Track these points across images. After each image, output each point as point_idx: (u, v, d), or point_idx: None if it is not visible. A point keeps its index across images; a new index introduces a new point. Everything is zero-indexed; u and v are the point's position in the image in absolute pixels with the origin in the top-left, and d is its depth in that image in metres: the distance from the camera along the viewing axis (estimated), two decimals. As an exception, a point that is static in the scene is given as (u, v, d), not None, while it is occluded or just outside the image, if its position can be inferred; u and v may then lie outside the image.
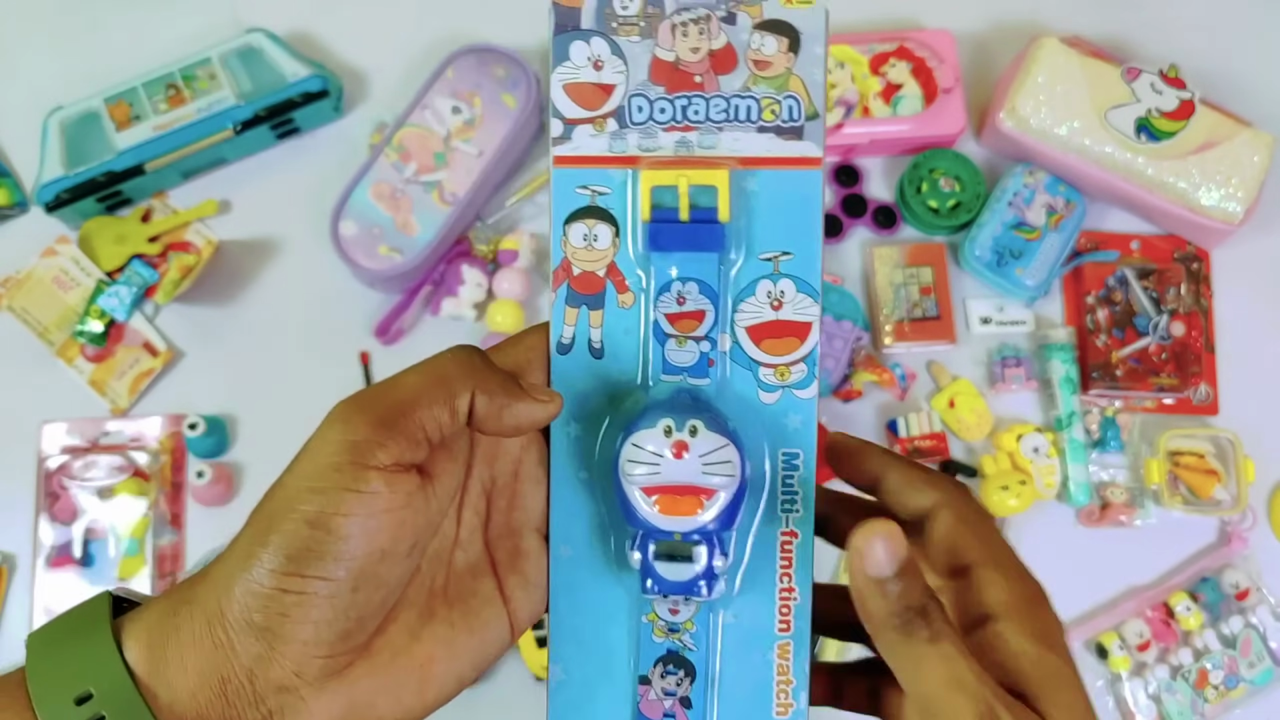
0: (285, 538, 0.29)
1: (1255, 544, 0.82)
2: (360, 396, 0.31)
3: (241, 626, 0.29)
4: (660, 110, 0.34)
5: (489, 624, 0.35)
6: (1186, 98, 0.83)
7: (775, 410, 0.35)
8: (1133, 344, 0.84)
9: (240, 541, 0.30)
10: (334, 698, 0.31)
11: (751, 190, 0.34)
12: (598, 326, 0.35)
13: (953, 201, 0.86)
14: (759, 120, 0.34)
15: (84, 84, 0.85)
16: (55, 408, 0.83)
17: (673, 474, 0.32)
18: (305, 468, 0.30)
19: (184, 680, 0.29)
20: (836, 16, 0.91)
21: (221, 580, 0.30)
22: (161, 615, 0.30)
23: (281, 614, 0.29)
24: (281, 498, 0.30)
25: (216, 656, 0.29)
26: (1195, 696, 0.79)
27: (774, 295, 0.35)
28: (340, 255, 0.82)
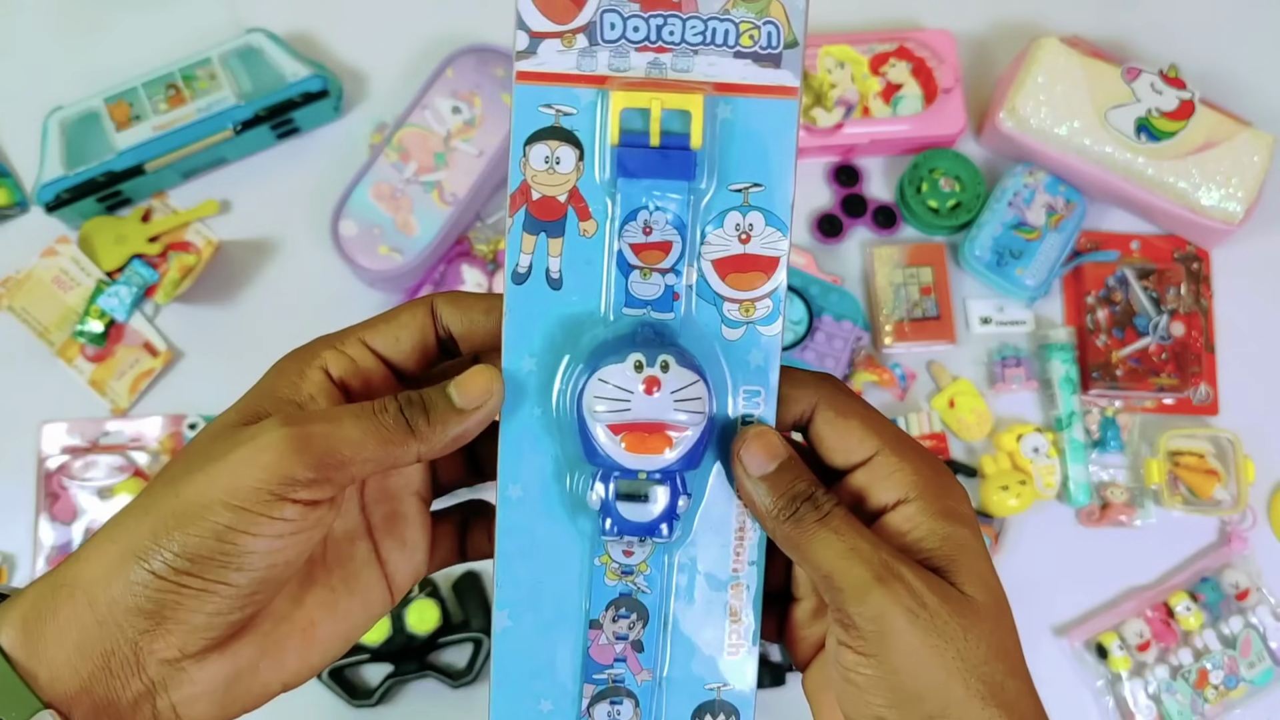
0: (190, 540, 0.30)
1: (1255, 544, 0.82)
2: (305, 435, 0.31)
3: (127, 608, 0.30)
4: (634, 28, 0.32)
5: (369, 586, 0.36)
6: (1186, 98, 0.83)
7: (739, 347, 0.34)
8: (1133, 344, 0.84)
9: (137, 529, 0.30)
10: (217, 668, 0.32)
11: (725, 118, 0.33)
12: (557, 255, 0.33)
13: (953, 201, 0.86)
14: (736, 45, 0.32)
15: (84, 84, 0.85)
16: (55, 408, 0.83)
17: (643, 411, 0.32)
18: (226, 481, 0.30)
19: (64, 655, 0.30)
20: (836, 16, 0.91)
21: (107, 564, 0.30)
22: (36, 599, 0.31)
23: (175, 604, 0.30)
24: (194, 501, 0.30)
25: (100, 632, 0.30)
26: (1195, 696, 0.79)
27: (742, 228, 0.33)
28: (340, 255, 0.82)
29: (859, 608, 0.31)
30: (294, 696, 0.83)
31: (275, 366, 0.35)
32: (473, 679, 0.77)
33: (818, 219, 0.87)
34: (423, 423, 0.32)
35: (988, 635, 0.32)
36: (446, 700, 0.77)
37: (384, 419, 0.32)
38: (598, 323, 0.33)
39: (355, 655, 0.75)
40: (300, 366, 0.34)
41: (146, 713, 0.31)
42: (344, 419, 0.32)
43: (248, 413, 0.33)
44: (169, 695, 0.31)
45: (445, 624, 0.76)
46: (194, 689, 0.31)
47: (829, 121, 0.85)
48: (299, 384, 0.34)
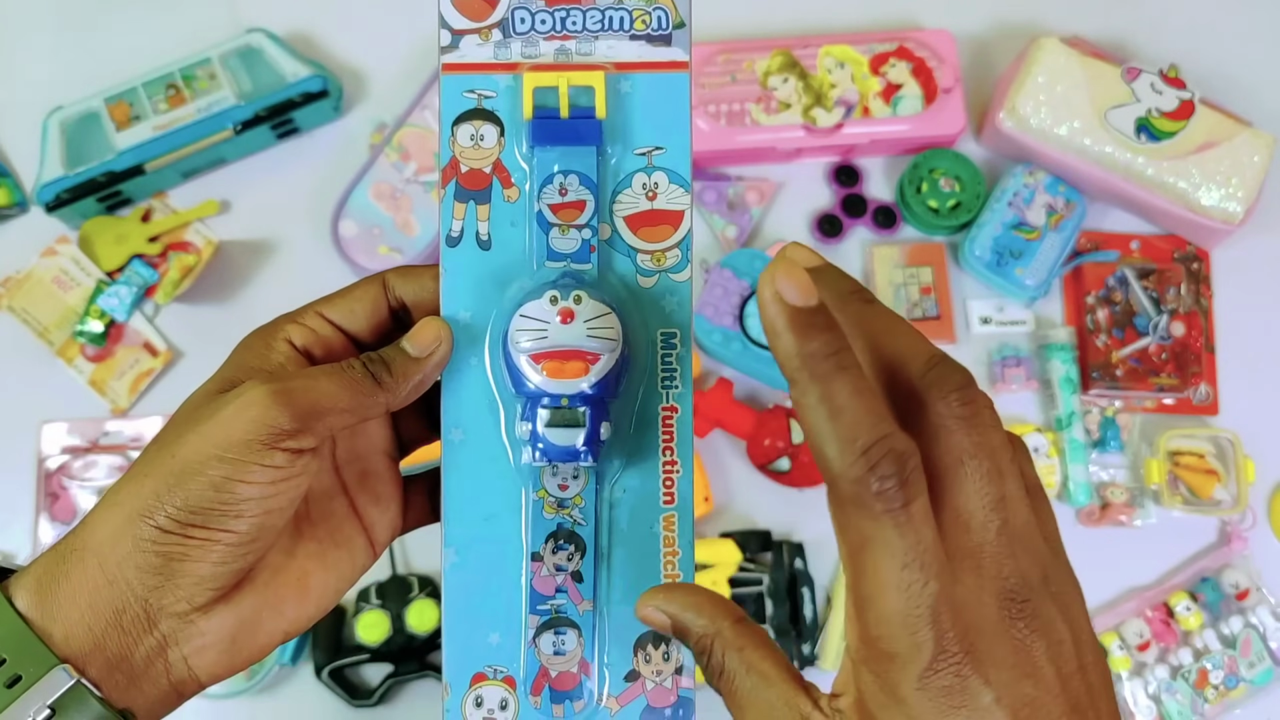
0: (191, 494, 0.32)
1: (1255, 544, 0.82)
2: (285, 390, 0.33)
3: (137, 565, 0.32)
4: (541, 21, 0.37)
5: (351, 539, 0.38)
6: (1186, 98, 0.83)
7: (654, 293, 0.37)
8: (1133, 344, 0.84)
9: (140, 491, 0.33)
10: (223, 619, 0.34)
11: (625, 92, 0.37)
12: (485, 220, 0.37)
13: (953, 201, 0.86)
14: (631, 29, 0.37)
15: (84, 84, 0.85)
16: (55, 408, 0.83)
17: (559, 338, 0.34)
18: (217, 436, 0.33)
19: (78, 614, 0.32)
20: (837, 16, 0.92)
21: (113, 526, 0.33)
22: (48, 565, 0.33)
23: (182, 556, 0.32)
24: (189, 459, 0.33)
25: (111, 591, 0.32)
26: (1195, 696, 0.79)
27: (649, 186, 0.37)
28: (340, 255, 0.82)
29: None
30: (294, 696, 0.83)
31: (241, 343, 0.37)
32: (473, 679, 0.76)
33: (818, 219, 0.87)
34: (385, 374, 0.35)
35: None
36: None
37: (352, 374, 0.35)
38: (523, 275, 0.37)
39: (355, 655, 0.75)
40: (265, 340, 0.37)
41: (159, 665, 0.33)
42: (318, 375, 0.35)
43: (225, 382, 0.36)
44: (180, 648, 0.33)
45: (445, 624, 0.76)
46: (203, 640, 0.33)
47: (829, 121, 0.85)
48: (267, 354, 0.36)
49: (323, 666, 0.75)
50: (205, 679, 0.34)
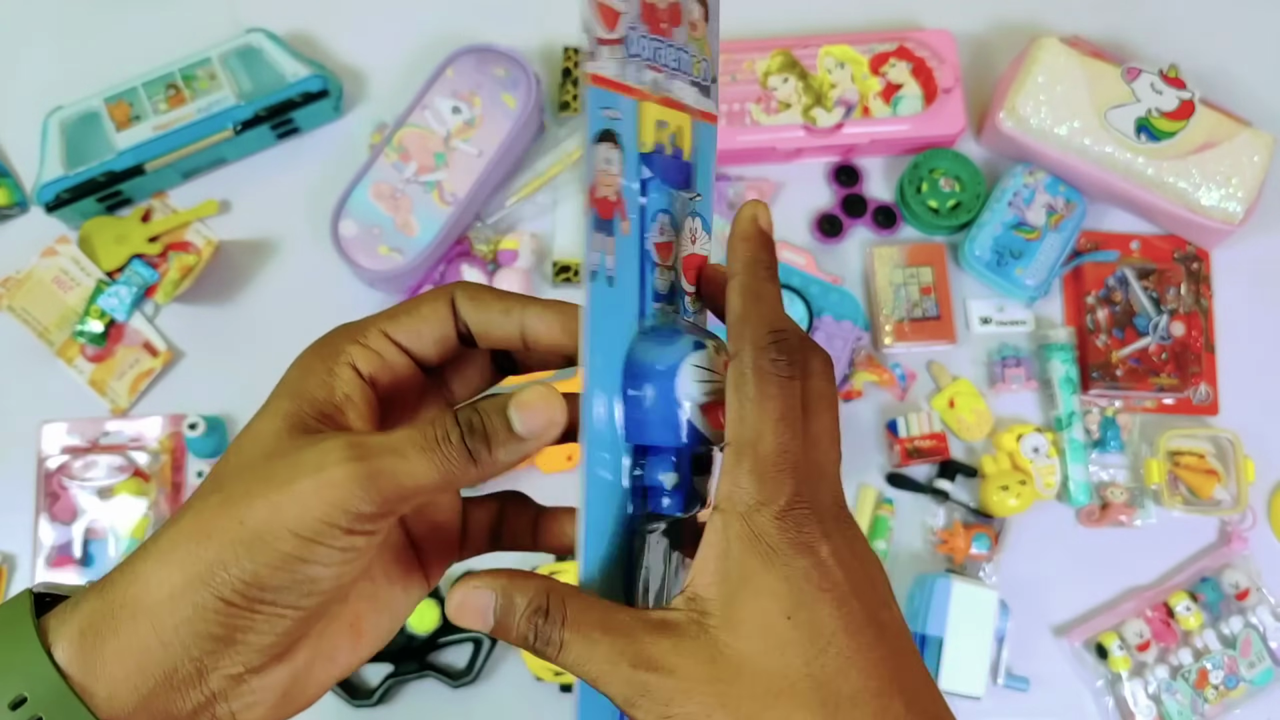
0: (261, 571, 0.30)
1: (1255, 544, 0.82)
2: (373, 473, 0.31)
3: (196, 632, 0.30)
4: (644, 47, 0.35)
5: (407, 573, 0.36)
6: (1186, 98, 0.83)
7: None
8: (1133, 344, 0.84)
9: (198, 554, 0.30)
10: (277, 676, 0.32)
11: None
12: (611, 254, 0.34)
13: (953, 201, 0.86)
14: (690, 74, 0.36)
15: (84, 84, 0.85)
16: (55, 408, 0.83)
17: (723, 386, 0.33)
18: (293, 513, 0.30)
19: (124, 674, 0.30)
20: (836, 16, 0.91)
21: (170, 586, 0.30)
22: (96, 616, 0.30)
23: (247, 628, 0.30)
24: (260, 531, 0.30)
25: (164, 654, 0.30)
26: (1195, 696, 0.79)
27: (692, 230, 0.36)
28: (340, 255, 0.82)
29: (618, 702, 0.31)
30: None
31: (299, 363, 0.34)
32: (473, 679, 0.77)
33: (818, 219, 0.87)
34: (485, 452, 0.32)
35: (755, 689, 0.31)
36: (446, 700, 0.77)
37: (448, 450, 0.32)
38: (639, 317, 0.35)
39: (355, 655, 0.75)
40: (328, 364, 0.34)
41: (205, 718, 0.31)
42: (409, 453, 0.31)
43: (294, 419, 0.33)
44: (229, 704, 0.31)
45: (445, 624, 0.76)
46: (253, 697, 0.32)
47: (829, 121, 0.85)
48: (331, 383, 0.33)
49: (323, 666, 0.75)
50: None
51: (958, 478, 0.82)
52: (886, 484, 0.83)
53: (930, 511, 0.82)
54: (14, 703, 0.29)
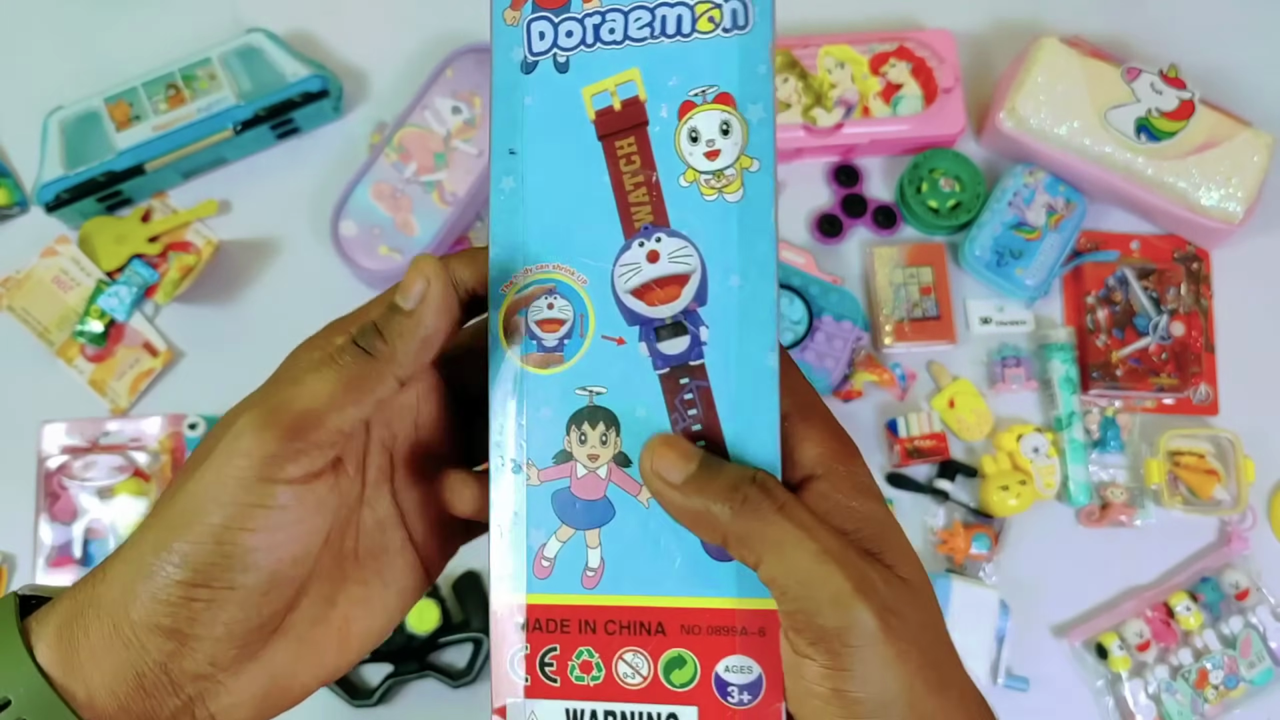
0: (190, 549, 0.29)
1: (1255, 544, 0.82)
2: (270, 408, 0.30)
3: (149, 628, 0.29)
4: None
5: (402, 574, 0.35)
6: (1186, 98, 0.83)
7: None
8: (1133, 344, 0.84)
9: (142, 545, 0.30)
10: (252, 677, 0.31)
11: None
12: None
13: (953, 201, 0.86)
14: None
15: (84, 84, 0.85)
16: (55, 408, 0.83)
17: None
18: (210, 477, 0.29)
19: (100, 677, 0.29)
20: (837, 16, 0.92)
21: (123, 583, 0.30)
22: (69, 616, 0.30)
23: (190, 618, 0.29)
24: (186, 506, 0.29)
25: (128, 654, 0.29)
26: (1195, 696, 0.79)
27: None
28: (340, 255, 0.82)
29: (839, 621, 0.29)
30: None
31: (291, 356, 0.34)
32: (473, 679, 0.77)
33: (818, 219, 0.87)
34: (378, 342, 0.31)
35: (928, 618, 0.31)
36: (446, 700, 0.77)
37: (342, 359, 0.31)
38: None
39: (355, 655, 0.75)
40: (326, 336, 0.33)
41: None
42: (303, 377, 0.30)
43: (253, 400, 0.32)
44: (207, 707, 0.31)
45: (445, 624, 0.76)
46: (231, 699, 0.31)
47: (829, 121, 0.85)
48: (322, 351, 0.33)
49: (323, 666, 0.75)
50: None
51: (958, 478, 0.82)
52: (886, 484, 0.83)
53: (930, 511, 0.82)
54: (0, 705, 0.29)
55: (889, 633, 0.29)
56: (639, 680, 0.34)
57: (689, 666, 0.34)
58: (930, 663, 0.30)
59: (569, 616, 0.34)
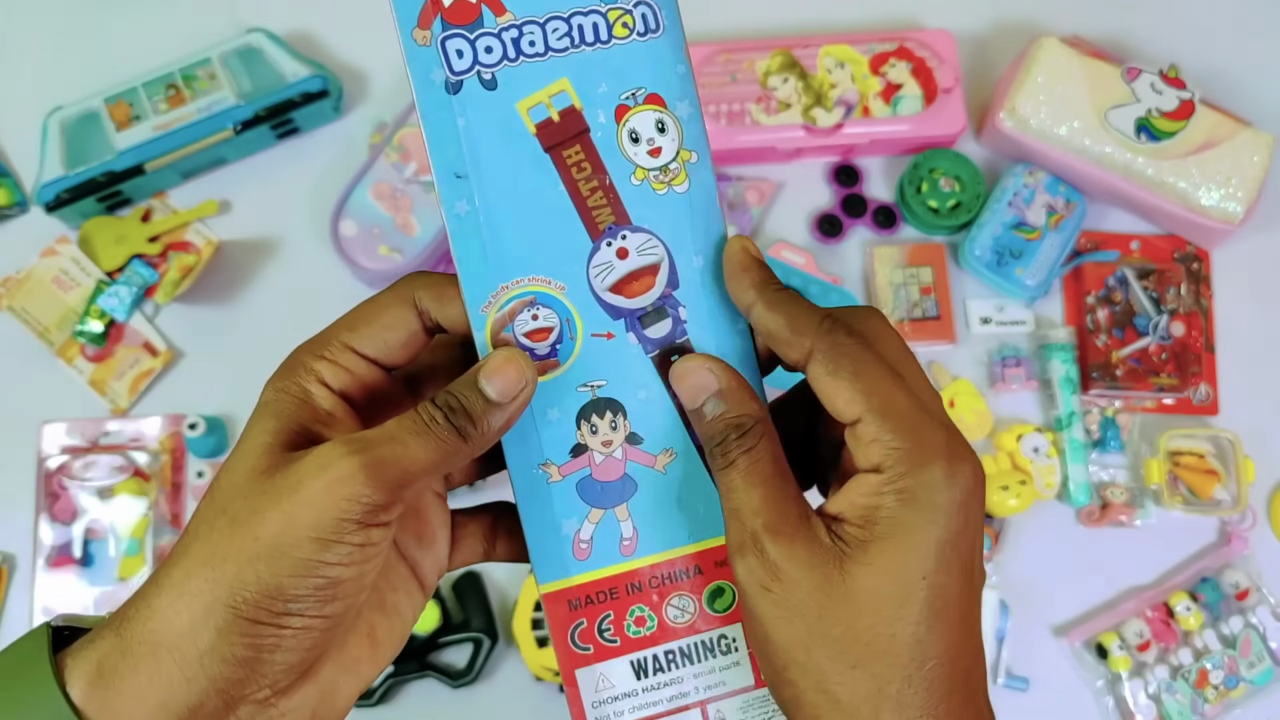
0: (287, 583, 0.30)
1: (1255, 544, 0.82)
2: (376, 462, 0.31)
3: (221, 658, 0.30)
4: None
5: (406, 579, 0.37)
6: (1186, 98, 0.83)
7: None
8: (1133, 344, 0.84)
9: (216, 579, 0.30)
10: (304, 696, 0.32)
11: None
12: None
13: (953, 201, 0.86)
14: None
15: (84, 84, 0.85)
16: (55, 408, 0.83)
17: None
18: (308, 518, 0.30)
19: (145, 712, 0.29)
20: (837, 16, 0.91)
21: (189, 616, 0.30)
22: (113, 654, 0.30)
23: (274, 646, 0.30)
24: (277, 542, 0.30)
25: (188, 689, 0.30)
26: (1195, 696, 0.79)
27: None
28: (340, 255, 0.82)
29: (734, 569, 0.33)
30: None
31: (272, 385, 0.34)
32: (473, 679, 0.77)
33: (818, 219, 0.87)
34: (470, 427, 0.33)
35: (857, 620, 0.31)
36: (446, 700, 0.77)
37: (437, 431, 0.32)
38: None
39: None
40: (300, 384, 0.34)
41: None
42: (406, 439, 0.32)
43: (283, 437, 0.33)
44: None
45: (445, 624, 0.76)
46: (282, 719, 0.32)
47: (829, 121, 0.85)
48: (309, 402, 0.34)
49: (323, 666, 0.75)
50: None
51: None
52: (886, 484, 0.83)
53: (930, 511, 0.82)
54: None
55: (763, 597, 0.32)
56: (688, 618, 0.37)
57: (727, 594, 0.37)
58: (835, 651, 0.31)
59: (615, 585, 0.37)
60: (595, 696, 0.37)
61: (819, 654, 0.31)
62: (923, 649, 0.31)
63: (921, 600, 0.31)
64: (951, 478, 0.31)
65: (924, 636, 0.31)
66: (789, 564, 0.32)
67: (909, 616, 0.31)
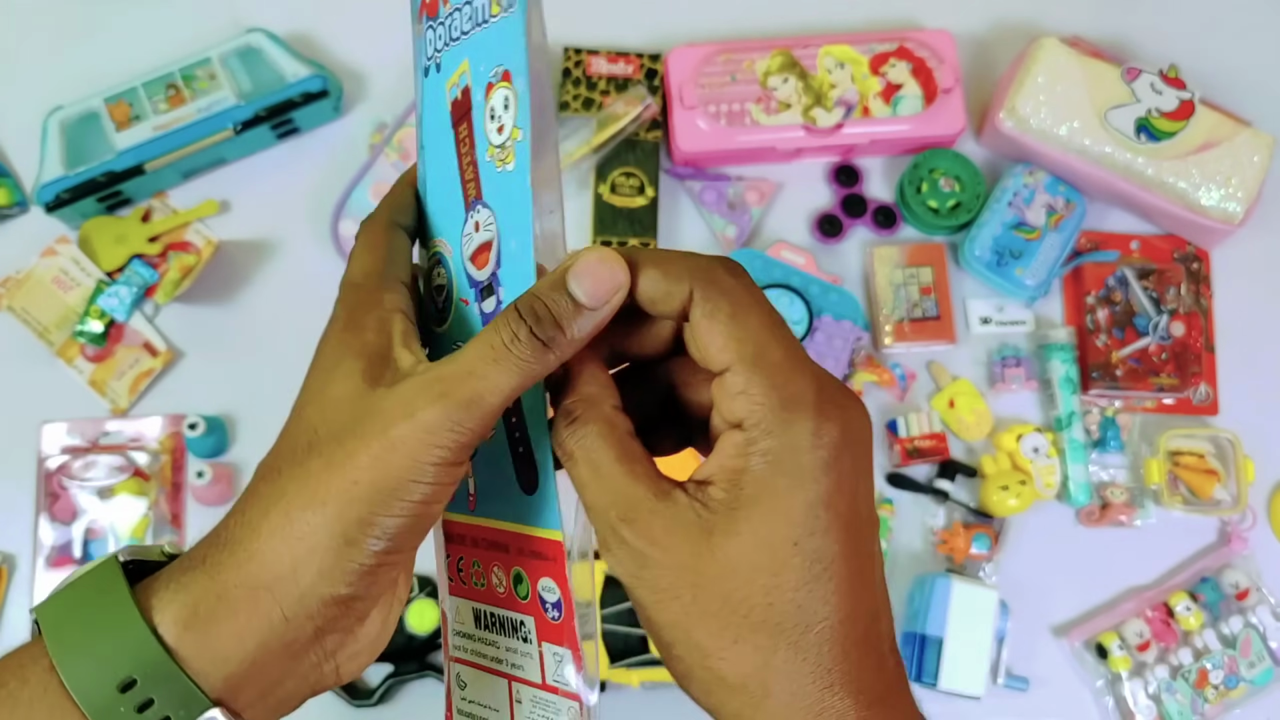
0: (393, 522, 0.31)
1: (1255, 544, 0.82)
2: (461, 402, 0.31)
3: (326, 599, 0.31)
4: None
5: None
6: (1186, 98, 0.83)
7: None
8: (1133, 344, 0.84)
9: (314, 521, 0.30)
10: (374, 622, 0.33)
11: None
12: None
13: (953, 201, 0.86)
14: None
15: (84, 84, 0.85)
16: (55, 408, 0.83)
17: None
18: (402, 461, 0.30)
19: (241, 651, 0.30)
20: (837, 16, 0.92)
21: (291, 559, 0.30)
22: (209, 597, 0.30)
23: (374, 581, 0.31)
24: (379, 485, 0.30)
25: (286, 628, 0.31)
26: (1195, 696, 0.79)
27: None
28: (340, 255, 0.82)
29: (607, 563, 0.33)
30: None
31: (346, 321, 0.35)
32: (473, 679, 0.77)
33: (818, 219, 0.87)
34: (560, 335, 0.31)
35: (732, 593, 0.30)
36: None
37: (520, 350, 0.31)
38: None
39: (355, 655, 0.75)
40: (376, 314, 0.35)
41: (311, 678, 0.32)
42: (485, 371, 0.31)
43: (367, 375, 0.33)
44: (336, 659, 0.32)
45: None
46: (357, 646, 0.33)
47: (829, 121, 0.85)
48: (389, 330, 0.34)
49: (323, 666, 0.75)
50: (345, 679, 0.34)
51: (958, 478, 0.82)
52: (886, 484, 0.83)
53: (930, 511, 0.82)
54: (124, 684, 0.29)
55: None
56: (504, 590, 0.37)
57: (525, 583, 0.36)
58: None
59: (464, 533, 0.38)
60: (454, 625, 0.39)
61: (699, 633, 0.31)
62: (804, 615, 0.30)
63: (797, 567, 0.30)
64: (818, 435, 0.30)
65: (804, 602, 0.30)
66: (652, 549, 0.31)
67: (786, 585, 0.30)
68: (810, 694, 0.30)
